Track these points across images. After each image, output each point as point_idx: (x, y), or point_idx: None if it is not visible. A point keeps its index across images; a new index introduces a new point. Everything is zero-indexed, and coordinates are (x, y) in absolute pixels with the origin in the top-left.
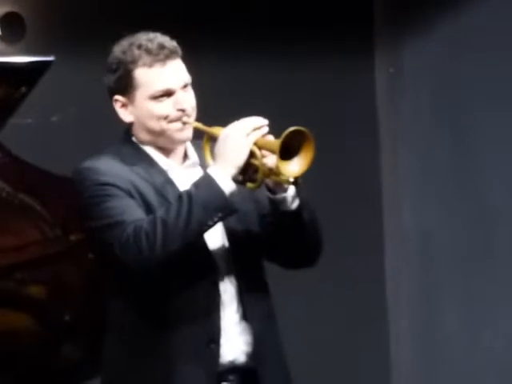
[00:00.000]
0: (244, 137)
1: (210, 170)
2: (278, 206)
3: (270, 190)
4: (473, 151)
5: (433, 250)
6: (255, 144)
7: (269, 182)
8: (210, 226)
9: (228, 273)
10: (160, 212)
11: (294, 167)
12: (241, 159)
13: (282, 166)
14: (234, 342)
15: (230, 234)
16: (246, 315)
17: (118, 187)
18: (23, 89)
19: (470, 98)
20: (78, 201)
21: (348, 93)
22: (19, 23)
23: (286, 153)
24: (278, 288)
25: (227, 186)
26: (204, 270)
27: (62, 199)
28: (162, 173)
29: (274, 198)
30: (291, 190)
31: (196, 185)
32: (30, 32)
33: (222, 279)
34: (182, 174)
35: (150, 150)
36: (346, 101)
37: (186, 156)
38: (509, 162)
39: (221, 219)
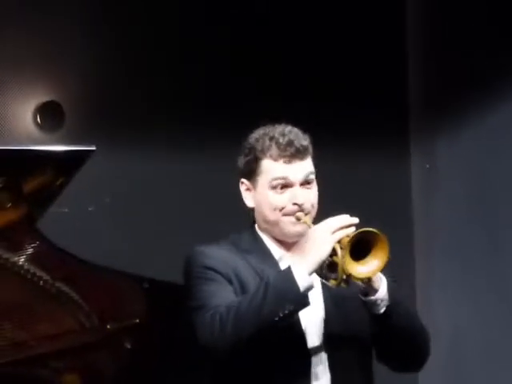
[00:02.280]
0: (328, 234)
1: (291, 264)
2: (368, 307)
3: (361, 291)
4: (507, 248)
5: (464, 348)
6: (339, 242)
7: (360, 283)
8: (282, 318)
9: (321, 363)
10: (238, 299)
11: (363, 269)
12: (322, 256)
13: (350, 266)
14: None
15: (329, 325)
16: None
17: (219, 272)
18: (63, 178)
19: (503, 194)
20: (185, 279)
21: (383, 189)
22: (58, 112)
23: (361, 253)
24: None
25: (303, 281)
26: (297, 357)
27: (98, 288)
28: (273, 263)
29: (365, 299)
30: (382, 293)
31: (275, 276)
32: (69, 121)
33: (314, 368)
34: None
35: (267, 239)
36: (382, 196)
37: None
38: None
39: (293, 312)
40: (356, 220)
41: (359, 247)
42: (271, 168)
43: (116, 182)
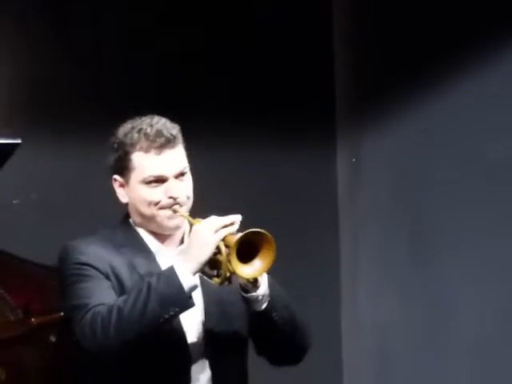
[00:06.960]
0: (211, 233)
1: (173, 263)
2: (249, 304)
3: (242, 288)
4: (431, 242)
5: (388, 341)
6: (223, 240)
7: (240, 280)
8: (167, 319)
9: (202, 361)
10: (119, 300)
11: (248, 270)
12: (205, 255)
13: (237, 267)
14: None
15: (209, 323)
16: None
17: (96, 268)
18: None
19: (428, 190)
20: (60, 277)
21: (310, 181)
22: None
23: (248, 253)
24: None
25: (188, 282)
26: (176, 355)
27: (23, 281)
28: (149, 256)
29: (245, 296)
30: (262, 290)
31: (158, 276)
32: None
33: (195, 366)
34: (171, 259)
35: (143, 233)
36: (308, 189)
37: (182, 242)
38: (466, 254)
39: (177, 313)
40: (239, 217)
41: (247, 247)
42: (143, 162)
43: (42, 176)
